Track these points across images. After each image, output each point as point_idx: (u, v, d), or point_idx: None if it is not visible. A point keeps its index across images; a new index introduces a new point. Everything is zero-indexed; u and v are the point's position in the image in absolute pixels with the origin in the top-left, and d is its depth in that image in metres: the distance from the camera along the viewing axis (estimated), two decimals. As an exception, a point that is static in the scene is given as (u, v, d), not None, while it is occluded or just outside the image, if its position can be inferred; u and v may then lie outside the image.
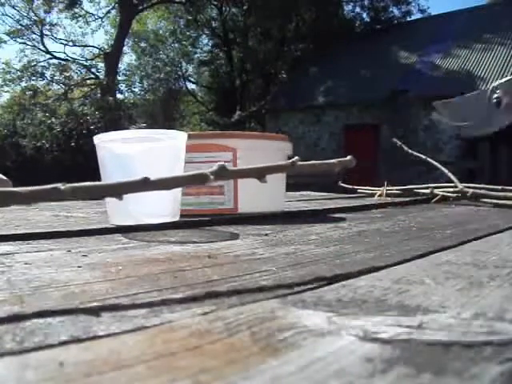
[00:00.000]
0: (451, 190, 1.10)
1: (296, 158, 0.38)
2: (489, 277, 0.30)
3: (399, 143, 1.17)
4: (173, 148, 0.65)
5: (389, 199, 1.14)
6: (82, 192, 0.29)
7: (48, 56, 14.17)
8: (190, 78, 15.73)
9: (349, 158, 0.38)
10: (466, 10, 9.07)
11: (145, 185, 0.30)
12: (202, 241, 0.51)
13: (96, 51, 14.54)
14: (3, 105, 13.77)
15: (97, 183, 0.30)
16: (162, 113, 14.26)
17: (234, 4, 13.10)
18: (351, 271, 0.32)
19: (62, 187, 0.27)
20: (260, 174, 0.36)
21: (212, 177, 0.33)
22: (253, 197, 0.76)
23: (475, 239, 0.46)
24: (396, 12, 12.36)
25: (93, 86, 13.69)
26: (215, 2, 13.46)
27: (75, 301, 0.25)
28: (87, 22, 14.80)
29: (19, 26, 13.84)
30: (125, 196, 0.63)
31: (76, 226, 0.57)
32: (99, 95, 12.41)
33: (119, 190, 0.31)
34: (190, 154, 0.69)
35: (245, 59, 13.03)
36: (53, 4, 13.69)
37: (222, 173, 0.33)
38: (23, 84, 13.99)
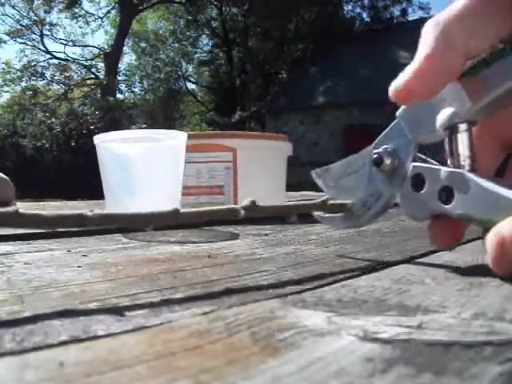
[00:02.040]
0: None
1: (326, 196, 0.35)
2: (489, 277, 0.30)
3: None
4: (173, 148, 0.65)
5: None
6: (109, 221, 0.28)
7: (48, 56, 14.18)
8: (190, 77, 15.74)
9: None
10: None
11: (175, 216, 0.30)
12: (202, 241, 0.51)
13: (96, 51, 14.56)
14: (3, 105, 13.78)
15: (127, 213, 0.30)
16: (162, 113, 14.27)
17: (234, 4, 13.11)
18: (351, 271, 0.32)
19: (90, 213, 0.26)
20: (289, 211, 0.34)
21: (242, 212, 0.33)
22: (253, 197, 0.76)
23: (475, 239, 0.46)
24: (396, 11, 12.36)
25: (93, 86, 13.70)
26: (215, 2, 13.47)
27: (75, 301, 0.25)
28: (87, 22, 14.82)
29: (19, 26, 13.86)
30: (125, 196, 0.63)
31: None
32: (99, 95, 12.41)
33: (149, 222, 0.30)
34: (190, 154, 0.69)
35: (245, 59, 13.04)
36: (53, 4, 13.70)
37: (252, 209, 0.33)
38: (23, 84, 14.00)
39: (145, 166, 0.63)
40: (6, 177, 1.12)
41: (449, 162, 0.30)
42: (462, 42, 0.28)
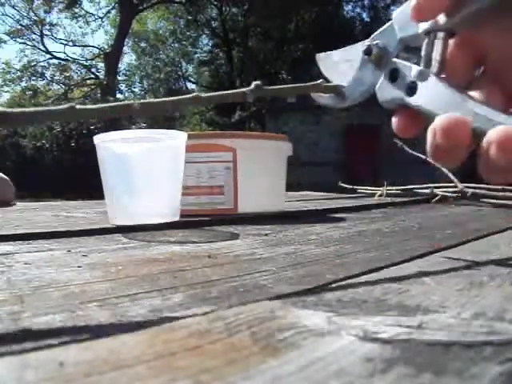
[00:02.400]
0: (451, 189, 1.10)
1: (320, 80, 0.40)
2: (489, 277, 0.30)
3: (400, 143, 1.18)
4: (173, 148, 0.65)
5: (389, 199, 1.14)
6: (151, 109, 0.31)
7: (48, 56, 14.18)
8: (190, 77, 15.73)
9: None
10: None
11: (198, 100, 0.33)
12: (202, 241, 0.51)
13: (96, 51, 14.55)
14: (3, 105, 13.78)
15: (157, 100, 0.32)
16: (162, 113, 14.26)
17: (234, 4, 13.11)
18: (351, 271, 0.32)
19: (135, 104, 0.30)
20: (291, 92, 0.40)
21: (251, 94, 0.36)
22: (253, 197, 0.76)
23: (475, 239, 0.46)
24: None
25: (93, 86, 13.70)
26: (215, 2, 13.47)
27: (75, 301, 0.25)
28: (87, 22, 14.82)
29: (19, 26, 13.86)
30: (125, 196, 0.63)
31: (76, 226, 0.57)
32: (99, 95, 12.41)
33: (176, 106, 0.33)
34: (190, 154, 0.69)
35: (245, 59, 13.04)
36: (53, 4, 13.70)
37: (259, 91, 0.36)
38: (23, 84, 14.00)
39: (145, 165, 0.63)
40: (6, 177, 1.12)
41: (422, 63, 0.33)
42: None
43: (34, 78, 13.85)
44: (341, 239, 0.49)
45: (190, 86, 15.69)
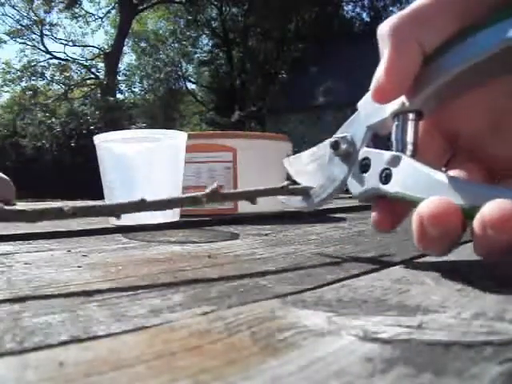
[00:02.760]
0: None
1: (287, 182, 0.39)
2: (489, 277, 0.30)
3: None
4: (173, 148, 0.65)
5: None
6: (82, 212, 0.32)
7: (48, 56, 14.18)
8: (190, 77, 15.73)
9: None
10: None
11: (141, 206, 0.33)
12: (202, 241, 0.51)
13: (96, 51, 14.56)
14: (3, 105, 13.78)
15: (96, 203, 0.34)
16: (162, 113, 14.27)
17: (234, 4, 13.11)
18: (351, 271, 0.32)
19: (66, 208, 0.31)
20: (252, 196, 0.37)
21: (204, 199, 0.35)
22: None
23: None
24: (396, 12, 12.37)
25: (93, 86, 13.70)
26: (215, 2, 13.47)
27: (75, 301, 0.25)
28: (87, 22, 14.82)
29: (19, 26, 13.86)
30: (125, 196, 0.63)
31: (76, 226, 0.57)
32: (99, 95, 12.41)
33: (117, 210, 0.34)
34: (190, 154, 0.69)
35: (245, 59, 13.04)
36: (53, 4, 13.70)
37: (214, 196, 0.36)
38: (23, 84, 14.00)
39: (145, 165, 0.63)
40: (6, 177, 1.12)
41: (394, 147, 0.32)
42: (414, 39, 0.29)
43: (33, 77, 13.85)
44: (341, 239, 0.49)
45: (190, 85, 15.70)
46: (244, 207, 0.75)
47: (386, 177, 0.31)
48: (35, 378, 0.15)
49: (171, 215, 0.62)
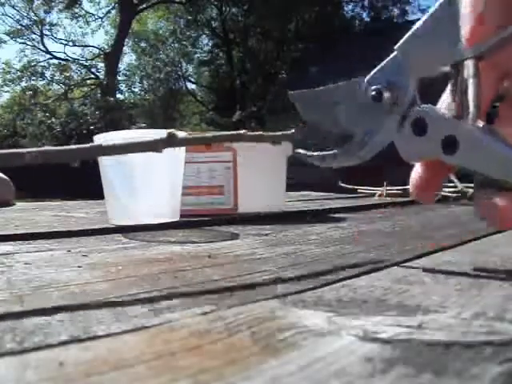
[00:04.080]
0: (451, 189, 1.10)
1: (244, 131, 0.37)
2: (489, 277, 0.30)
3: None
4: (173, 148, 0.65)
5: (389, 199, 1.14)
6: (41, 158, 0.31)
7: (48, 56, 14.16)
8: (190, 77, 15.72)
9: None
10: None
11: (101, 149, 0.33)
12: (202, 241, 0.51)
13: (96, 51, 14.54)
14: (3, 105, 13.76)
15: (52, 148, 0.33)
16: (162, 113, 14.26)
17: (234, 4, 13.10)
18: (351, 271, 0.32)
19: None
20: (207, 141, 0.37)
21: (161, 144, 0.34)
22: (253, 197, 0.76)
23: (475, 239, 0.46)
24: (396, 12, 12.37)
25: (93, 86, 13.69)
26: (215, 2, 13.46)
27: (75, 301, 0.25)
28: (87, 22, 14.81)
29: (19, 26, 13.85)
30: (125, 196, 0.63)
31: (76, 226, 0.57)
32: (99, 95, 12.40)
33: (74, 155, 0.33)
34: (190, 154, 0.69)
35: (245, 59, 13.03)
36: (53, 4, 13.69)
37: (172, 140, 0.34)
38: (23, 84, 13.98)
39: (145, 165, 0.63)
40: (5, 177, 1.12)
41: (452, 103, 0.28)
42: None
43: (33, 78, 13.85)
44: (341, 239, 0.49)
45: (190, 85, 15.70)
46: (244, 207, 0.75)
47: (450, 146, 0.27)
48: (35, 377, 0.15)
49: (171, 215, 0.62)
